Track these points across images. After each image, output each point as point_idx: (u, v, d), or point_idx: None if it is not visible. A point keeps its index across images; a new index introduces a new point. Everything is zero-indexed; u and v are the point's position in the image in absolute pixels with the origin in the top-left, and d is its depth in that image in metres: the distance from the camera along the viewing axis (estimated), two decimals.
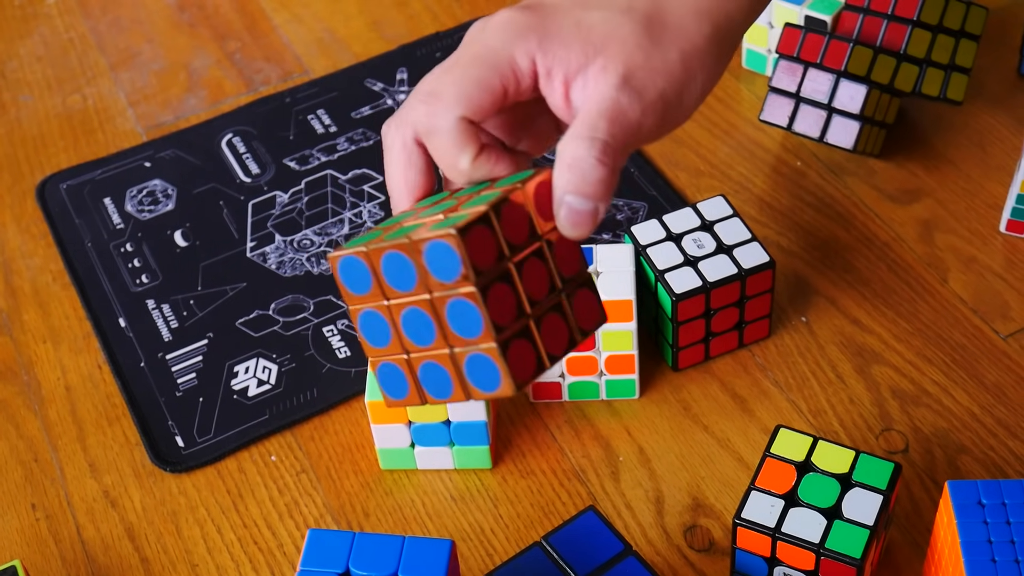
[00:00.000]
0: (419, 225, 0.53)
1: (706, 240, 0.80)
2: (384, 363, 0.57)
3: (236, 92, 1.05)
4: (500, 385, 0.53)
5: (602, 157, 0.53)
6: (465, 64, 0.55)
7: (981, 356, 0.81)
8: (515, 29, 0.55)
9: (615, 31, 0.55)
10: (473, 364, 0.54)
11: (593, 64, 0.55)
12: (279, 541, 0.76)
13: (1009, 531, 0.64)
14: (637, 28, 0.55)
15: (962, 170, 0.92)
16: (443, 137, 0.55)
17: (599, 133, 0.54)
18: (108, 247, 0.93)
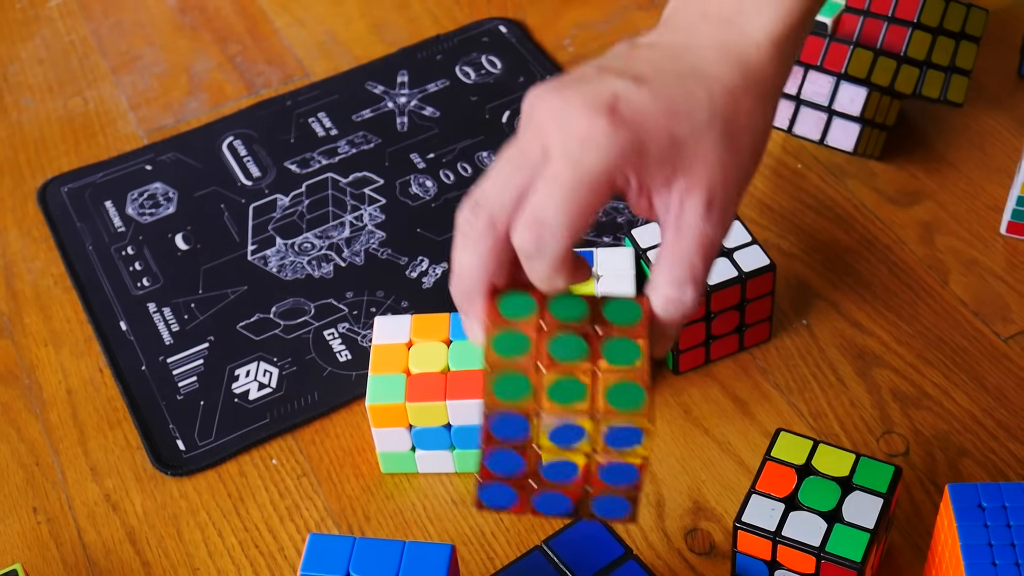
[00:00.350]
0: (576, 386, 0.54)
1: None
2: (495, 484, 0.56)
3: (237, 95, 1.05)
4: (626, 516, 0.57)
5: (700, 292, 0.57)
6: (567, 193, 0.54)
7: (982, 358, 0.81)
8: (615, 151, 0.54)
9: (701, 148, 0.56)
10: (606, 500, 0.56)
11: (677, 182, 0.56)
12: (280, 545, 0.76)
13: (1010, 534, 0.64)
14: (719, 142, 0.56)
15: (962, 172, 0.92)
16: (546, 264, 0.55)
17: (697, 272, 0.56)
18: (109, 250, 0.93)
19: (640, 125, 0.54)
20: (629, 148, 0.54)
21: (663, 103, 0.55)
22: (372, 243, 0.92)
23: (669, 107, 0.55)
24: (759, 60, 0.58)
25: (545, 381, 0.54)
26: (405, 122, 1.00)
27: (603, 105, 0.54)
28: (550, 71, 1.03)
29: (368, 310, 0.87)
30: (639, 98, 0.55)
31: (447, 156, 0.97)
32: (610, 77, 0.56)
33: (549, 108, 0.55)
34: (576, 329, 0.56)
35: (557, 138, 0.54)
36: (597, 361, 0.55)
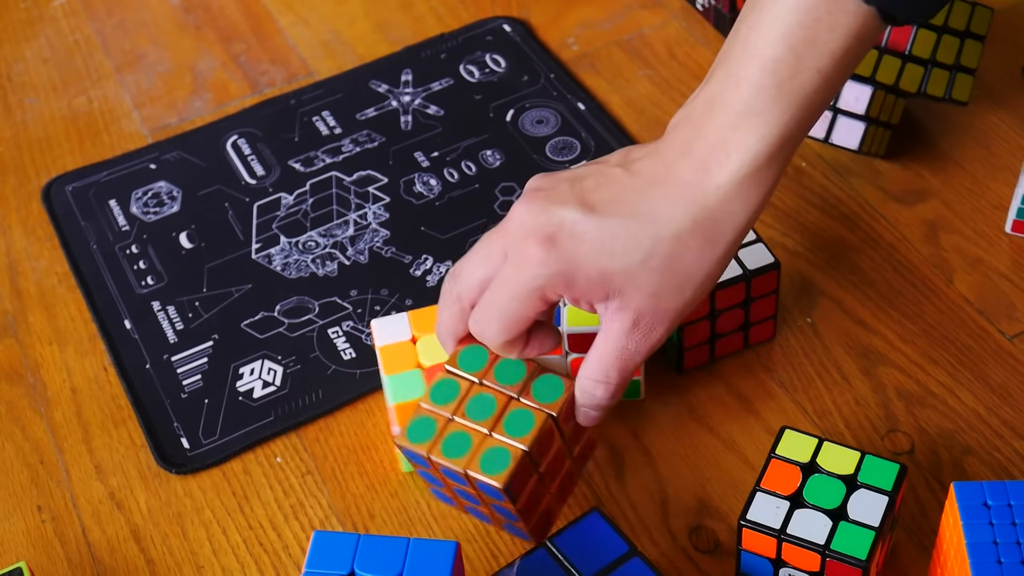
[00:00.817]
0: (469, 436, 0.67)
1: None
2: (435, 490, 0.73)
3: (241, 94, 1.05)
4: (528, 537, 0.71)
5: (614, 395, 0.67)
6: (504, 300, 0.65)
7: (987, 357, 0.81)
8: (544, 278, 0.63)
9: (633, 283, 0.63)
10: (510, 527, 0.71)
11: (611, 302, 0.64)
12: (284, 543, 0.76)
13: (1015, 532, 0.64)
14: (653, 279, 0.63)
15: (967, 171, 0.92)
16: (490, 345, 0.68)
17: (611, 379, 0.66)
18: (113, 249, 0.93)
19: (572, 259, 0.63)
20: (557, 276, 0.63)
21: (602, 240, 0.63)
22: (376, 241, 0.92)
23: (607, 245, 0.62)
24: (716, 204, 0.63)
25: (447, 430, 0.67)
26: (409, 121, 1.00)
27: (546, 235, 0.63)
28: (555, 71, 1.03)
29: (372, 308, 0.87)
30: (582, 229, 0.63)
31: (451, 155, 0.97)
32: (572, 202, 0.63)
33: (517, 217, 0.64)
34: (499, 393, 0.68)
35: (511, 247, 0.64)
36: (496, 424, 0.67)
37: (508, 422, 0.67)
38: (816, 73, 0.62)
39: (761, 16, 0.62)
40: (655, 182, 0.63)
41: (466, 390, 0.69)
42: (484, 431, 0.67)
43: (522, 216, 0.64)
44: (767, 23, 0.62)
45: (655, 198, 0.63)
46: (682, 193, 0.63)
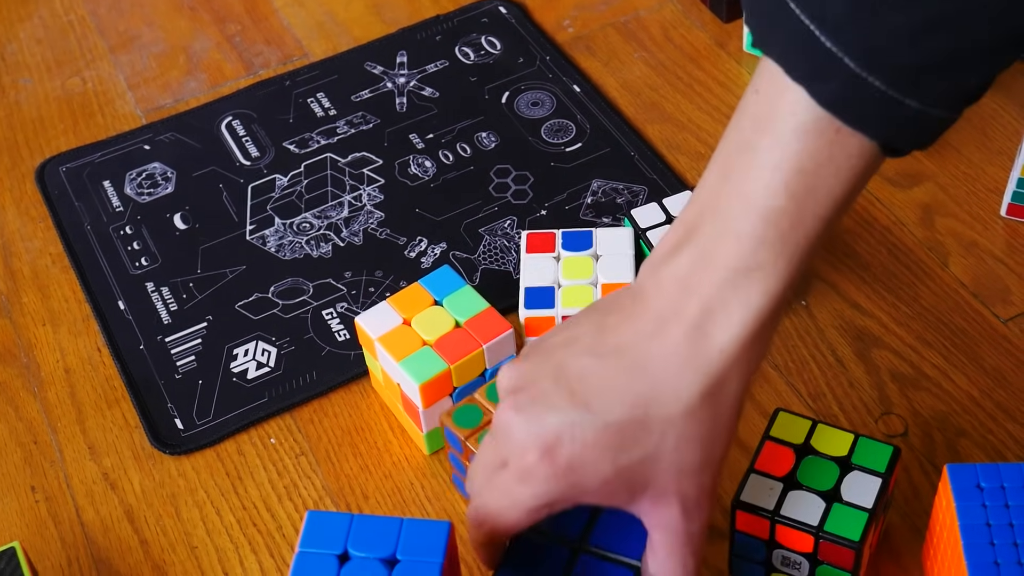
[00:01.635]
0: None
1: None
2: (456, 477, 0.75)
3: (236, 75, 1.05)
4: None
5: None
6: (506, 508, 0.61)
7: (981, 340, 0.81)
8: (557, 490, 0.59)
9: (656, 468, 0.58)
10: None
11: (643, 499, 0.59)
12: (278, 523, 0.76)
13: (1008, 514, 0.64)
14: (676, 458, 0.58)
15: (963, 154, 0.92)
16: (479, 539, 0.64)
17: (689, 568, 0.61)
18: (107, 230, 0.93)
19: (577, 471, 0.58)
20: (568, 489, 0.59)
21: (609, 439, 0.58)
22: (371, 223, 0.91)
23: (614, 443, 0.58)
24: (722, 368, 0.57)
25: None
26: (404, 102, 1.00)
27: (545, 448, 0.58)
28: (550, 53, 1.03)
29: (367, 290, 0.87)
30: (582, 434, 0.58)
31: (446, 136, 0.97)
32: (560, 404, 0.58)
33: (505, 429, 0.60)
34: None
35: (511, 457, 0.60)
36: None
37: None
38: (820, 220, 0.56)
39: (752, 163, 0.56)
40: (646, 359, 0.58)
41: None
42: None
43: (513, 429, 0.59)
44: (765, 171, 0.55)
45: (653, 378, 0.57)
46: (682, 365, 0.57)
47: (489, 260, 0.88)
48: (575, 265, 0.79)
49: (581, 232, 0.81)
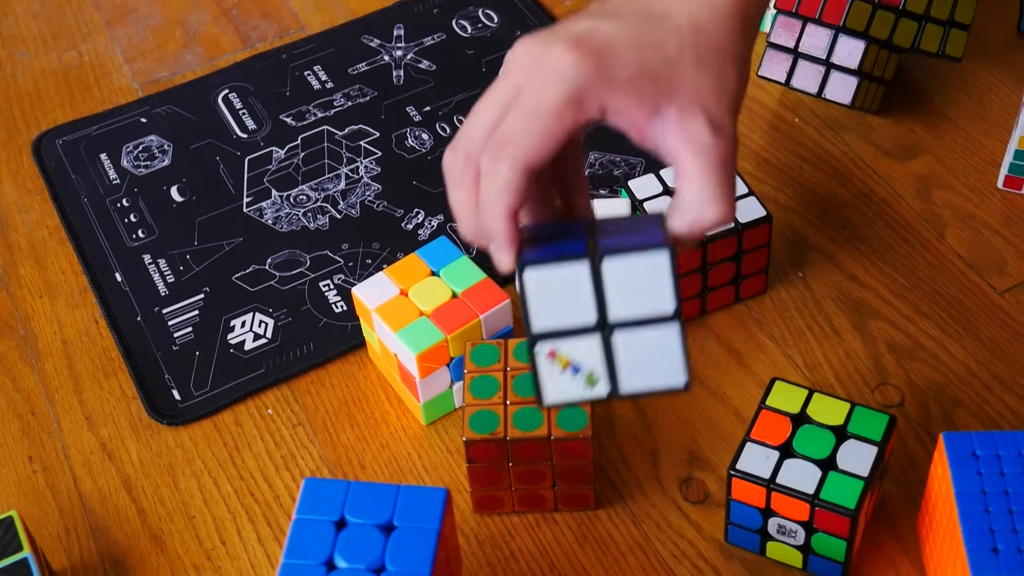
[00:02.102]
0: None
1: None
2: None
3: (233, 48, 1.04)
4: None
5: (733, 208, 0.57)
6: (532, 112, 0.56)
7: (977, 311, 0.81)
8: (579, 79, 0.55)
9: (679, 76, 0.57)
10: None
11: (668, 111, 0.57)
12: (275, 493, 0.76)
13: (1003, 482, 0.64)
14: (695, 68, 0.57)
15: (960, 127, 0.92)
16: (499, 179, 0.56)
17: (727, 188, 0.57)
18: (104, 202, 0.93)
19: (606, 52, 0.56)
20: (594, 74, 0.55)
21: (630, 36, 0.57)
22: (368, 195, 0.91)
23: (636, 40, 0.57)
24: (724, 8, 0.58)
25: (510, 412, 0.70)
26: (401, 75, 1.00)
27: (570, 40, 0.56)
28: (547, 24, 1.02)
29: (364, 261, 0.87)
30: (606, 29, 0.57)
31: (443, 109, 0.97)
32: (581, 19, 0.58)
33: (521, 52, 0.57)
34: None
35: (526, 77, 0.56)
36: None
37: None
38: None
39: None
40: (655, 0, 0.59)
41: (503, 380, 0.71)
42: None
43: (530, 45, 0.57)
44: None
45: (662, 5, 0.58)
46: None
47: None
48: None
49: None
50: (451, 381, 0.77)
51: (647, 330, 0.56)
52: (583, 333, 0.56)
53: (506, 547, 0.73)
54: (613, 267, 0.55)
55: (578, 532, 0.73)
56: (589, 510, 0.74)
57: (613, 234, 0.57)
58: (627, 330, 0.56)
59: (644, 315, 0.55)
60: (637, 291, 0.55)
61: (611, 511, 0.74)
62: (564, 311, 0.55)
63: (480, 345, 0.74)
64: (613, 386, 0.56)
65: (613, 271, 0.55)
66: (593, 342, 0.56)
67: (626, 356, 0.56)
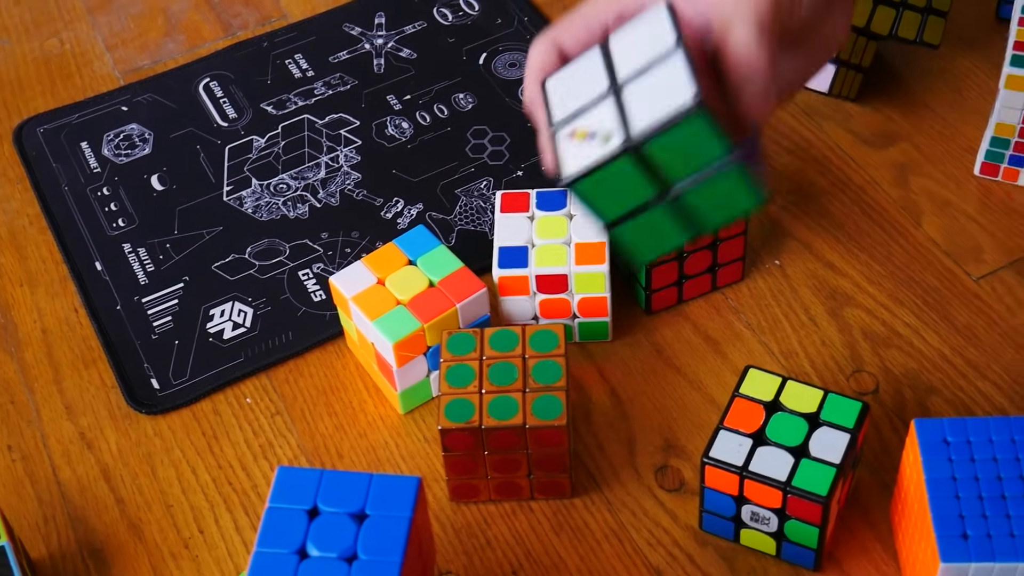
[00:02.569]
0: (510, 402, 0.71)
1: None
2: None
3: (214, 36, 1.04)
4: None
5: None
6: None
7: (953, 298, 0.82)
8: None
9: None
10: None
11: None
12: (253, 482, 0.76)
13: (973, 468, 0.65)
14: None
15: (938, 114, 0.92)
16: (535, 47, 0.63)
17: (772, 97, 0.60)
18: (85, 191, 0.93)
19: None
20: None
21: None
22: (348, 184, 0.92)
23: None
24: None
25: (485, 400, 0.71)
26: (382, 64, 1.00)
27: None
28: (528, 14, 1.03)
29: (343, 251, 0.87)
30: None
31: (424, 98, 0.97)
32: None
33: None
34: (509, 358, 0.72)
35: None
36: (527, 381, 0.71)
37: (536, 373, 0.71)
38: None
39: None
40: None
41: (479, 368, 0.72)
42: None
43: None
44: None
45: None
46: None
47: (465, 221, 0.88)
48: (549, 225, 0.79)
49: (555, 192, 0.81)
50: (428, 370, 0.77)
51: (653, 70, 0.57)
52: (598, 102, 0.58)
53: (482, 535, 0.73)
54: (618, 37, 0.59)
55: (554, 520, 0.73)
56: (565, 498, 0.74)
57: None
58: (636, 80, 0.57)
59: (650, 59, 0.57)
60: (642, 46, 0.58)
61: (587, 499, 0.74)
62: (580, 94, 0.59)
63: (456, 334, 0.74)
64: (626, 133, 0.56)
65: (619, 40, 0.59)
66: (607, 105, 0.57)
67: (636, 99, 0.57)
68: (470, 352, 0.73)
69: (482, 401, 0.71)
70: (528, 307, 0.79)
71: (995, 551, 0.62)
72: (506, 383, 0.71)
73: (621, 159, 0.56)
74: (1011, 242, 0.84)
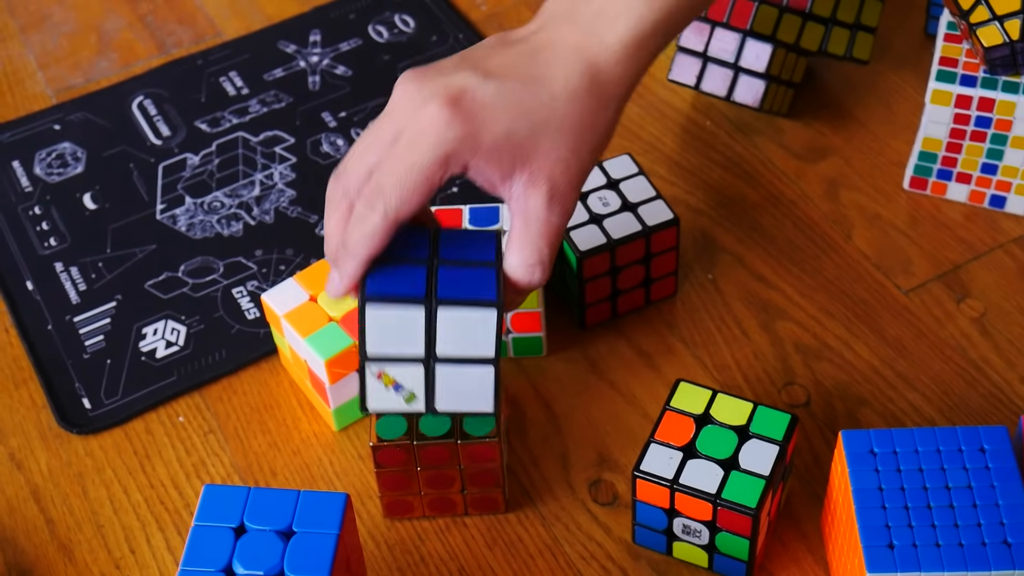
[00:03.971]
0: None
1: (611, 198, 0.81)
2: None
3: (148, 55, 1.04)
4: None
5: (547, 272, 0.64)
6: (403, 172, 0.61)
7: (883, 311, 0.83)
8: (450, 141, 0.61)
9: (539, 147, 0.63)
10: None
11: (517, 176, 0.63)
12: (186, 501, 0.76)
13: (900, 478, 0.65)
14: (557, 140, 0.63)
15: (868, 128, 0.93)
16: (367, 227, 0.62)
17: (545, 258, 0.64)
18: (16, 210, 0.92)
19: (479, 117, 0.61)
20: (464, 138, 0.61)
21: (505, 101, 0.62)
22: (282, 201, 0.91)
23: (510, 106, 0.62)
24: (607, 64, 0.64)
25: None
26: (317, 81, 1.00)
27: (449, 98, 0.61)
28: (463, 30, 1.03)
29: (277, 268, 0.87)
30: (483, 93, 0.62)
31: (359, 115, 0.97)
32: (465, 71, 0.62)
33: (406, 95, 0.62)
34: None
35: (406, 123, 0.62)
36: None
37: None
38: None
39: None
40: (543, 47, 0.64)
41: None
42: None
43: (413, 91, 0.62)
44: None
45: (547, 62, 0.63)
46: (573, 55, 0.64)
47: None
48: None
49: (488, 208, 0.81)
50: None
51: (467, 367, 0.62)
52: (410, 362, 0.62)
53: (416, 551, 0.73)
54: (446, 315, 0.62)
55: (488, 536, 0.73)
56: (499, 513, 0.74)
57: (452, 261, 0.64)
58: (449, 365, 0.62)
59: (467, 355, 0.62)
60: (464, 336, 0.62)
61: (521, 514, 0.74)
62: (396, 342, 0.62)
63: None
64: (429, 404, 0.63)
65: (445, 319, 0.62)
66: (417, 370, 0.62)
67: (444, 384, 0.63)
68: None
69: (414, 417, 0.71)
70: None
71: (920, 561, 0.62)
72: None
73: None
74: (939, 255, 0.85)
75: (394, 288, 0.62)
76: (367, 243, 0.62)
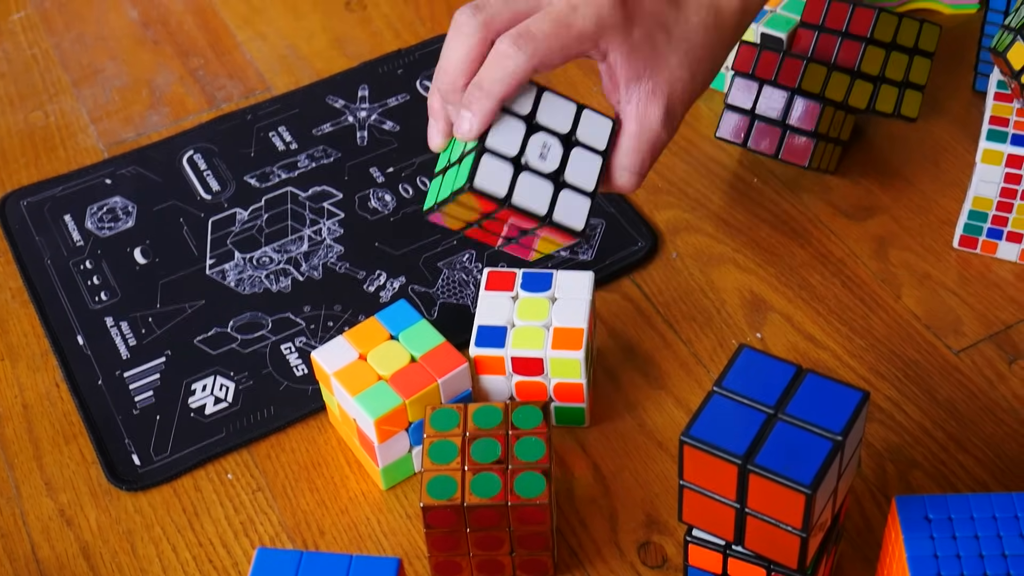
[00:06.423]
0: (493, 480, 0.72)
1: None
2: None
3: (198, 109, 1.05)
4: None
5: (641, 179, 0.71)
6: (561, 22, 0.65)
7: (933, 371, 0.82)
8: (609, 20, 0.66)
9: (667, 62, 0.68)
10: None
11: (643, 82, 0.68)
12: (234, 560, 0.76)
13: (955, 545, 0.65)
14: (682, 61, 0.69)
15: (916, 186, 0.93)
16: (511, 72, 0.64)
17: (645, 166, 0.70)
18: (68, 264, 0.93)
19: (636, 15, 0.66)
20: (621, 25, 0.66)
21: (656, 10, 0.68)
22: (330, 257, 0.92)
23: (659, 15, 0.68)
24: (728, 4, 0.70)
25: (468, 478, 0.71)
26: (365, 136, 1.01)
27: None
28: None
29: (326, 324, 0.87)
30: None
31: (406, 170, 0.98)
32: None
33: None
34: (492, 434, 0.72)
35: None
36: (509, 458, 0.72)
37: (519, 450, 0.72)
38: None
39: None
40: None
41: (461, 444, 0.73)
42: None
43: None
44: None
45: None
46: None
47: (447, 294, 0.89)
48: (531, 306, 0.79)
49: (542, 273, 0.81)
50: (410, 445, 0.77)
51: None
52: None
53: None
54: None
55: None
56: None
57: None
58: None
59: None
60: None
61: None
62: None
63: (440, 409, 0.74)
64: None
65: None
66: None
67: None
68: (453, 428, 0.73)
69: (464, 478, 0.71)
70: (505, 387, 0.79)
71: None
72: (489, 459, 0.71)
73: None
74: (990, 315, 0.85)
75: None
76: (507, 82, 0.64)
